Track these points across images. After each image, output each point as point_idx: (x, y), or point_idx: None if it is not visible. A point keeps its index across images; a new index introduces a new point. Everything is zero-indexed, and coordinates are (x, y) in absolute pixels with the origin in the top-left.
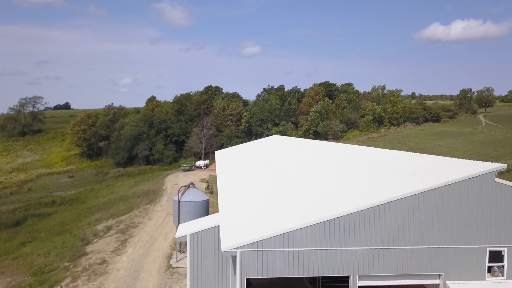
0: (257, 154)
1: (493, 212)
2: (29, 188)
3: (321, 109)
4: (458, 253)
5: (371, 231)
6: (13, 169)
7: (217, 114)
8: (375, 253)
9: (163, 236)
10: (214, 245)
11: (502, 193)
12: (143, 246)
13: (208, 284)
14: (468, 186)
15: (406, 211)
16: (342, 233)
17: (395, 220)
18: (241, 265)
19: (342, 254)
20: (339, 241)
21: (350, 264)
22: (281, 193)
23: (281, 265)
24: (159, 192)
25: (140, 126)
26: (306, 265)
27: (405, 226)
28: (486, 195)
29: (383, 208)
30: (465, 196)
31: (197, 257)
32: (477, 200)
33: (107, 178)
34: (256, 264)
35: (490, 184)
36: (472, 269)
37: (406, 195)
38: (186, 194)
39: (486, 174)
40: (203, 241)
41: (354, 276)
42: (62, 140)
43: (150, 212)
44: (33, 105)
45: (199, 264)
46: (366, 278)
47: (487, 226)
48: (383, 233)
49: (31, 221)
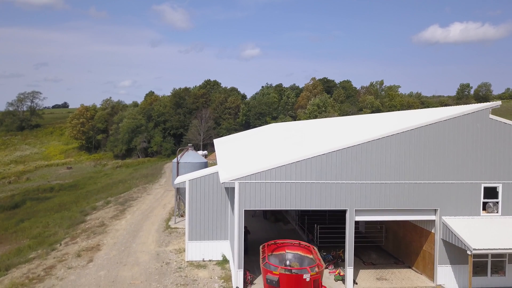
0: (256, 133)
1: (488, 149)
2: (27, 178)
3: (319, 102)
4: (454, 189)
5: (367, 166)
6: (11, 161)
7: (216, 107)
8: (371, 187)
9: (161, 206)
10: (212, 189)
11: (497, 129)
12: (142, 213)
13: (206, 227)
14: (463, 123)
15: (401, 146)
16: (339, 167)
17: (390, 155)
18: (239, 197)
19: (338, 188)
20: (335, 175)
21: (347, 198)
22: (280, 147)
23: (278, 197)
24: (157, 175)
25: (139, 118)
26: (303, 198)
27: (401, 161)
28: (481, 132)
29: (378, 143)
30: (460, 132)
31: (196, 202)
32: (472, 136)
33: (105, 169)
34: (254, 196)
35: (485, 121)
36: (468, 205)
37: (401, 130)
38: (185, 156)
39: (481, 110)
40: (202, 187)
41: (351, 210)
42: (61, 135)
43: (149, 189)
44: (32, 100)
45: (197, 209)
46: (362, 212)
47: (482, 162)
48: (379, 168)
49: (29, 204)
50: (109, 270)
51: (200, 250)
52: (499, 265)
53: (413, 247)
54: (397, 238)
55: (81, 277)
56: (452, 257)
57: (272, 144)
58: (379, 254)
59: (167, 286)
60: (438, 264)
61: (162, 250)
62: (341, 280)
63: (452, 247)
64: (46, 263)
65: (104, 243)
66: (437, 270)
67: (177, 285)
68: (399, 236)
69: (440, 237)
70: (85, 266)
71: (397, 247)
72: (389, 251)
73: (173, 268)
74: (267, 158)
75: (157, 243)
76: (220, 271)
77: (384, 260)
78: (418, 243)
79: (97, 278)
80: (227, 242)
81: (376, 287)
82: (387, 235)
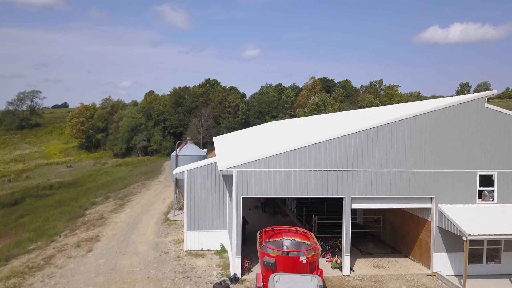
0: (256, 130)
1: (483, 137)
2: (27, 176)
3: (318, 101)
4: (450, 177)
5: (363, 154)
6: (11, 160)
7: (215, 106)
8: (368, 175)
9: (160, 200)
10: (211, 179)
11: (493, 118)
12: (141, 207)
13: (205, 217)
14: (459, 111)
15: (398, 135)
16: (335, 155)
17: (387, 144)
18: (237, 184)
19: (335, 176)
20: (332, 163)
21: (344, 185)
22: (278, 139)
23: (275, 185)
24: (157, 172)
25: (138, 117)
26: (301, 185)
27: (397, 149)
28: (477, 121)
29: (375, 131)
30: (456, 121)
31: (194, 192)
32: (468, 125)
33: (105, 168)
34: (251, 183)
35: (480, 110)
36: (463, 193)
37: (397, 119)
38: (184, 149)
39: (477, 99)
40: (200, 177)
41: (347, 198)
42: (60, 134)
43: (148, 185)
44: (31, 99)
45: (196, 199)
46: (359, 200)
47: (477, 151)
48: (375, 156)
49: (29, 201)
50: (108, 259)
51: (199, 240)
52: (494, 253)
53: (410, 236)
54: (394, 228)
55: (80, 265)
56: (448, 245)
57: (270, 137)
58: (377, 245)
59: (165, 274)
60: (434, 252)
61: (161, 241)
62: (338, 268)
63: (448, 235)
64: (46, 253)
65: (103, 235)
66: (433, 257)
67: (176, 273)
68: (396, 226)
69: (436, 225)
70: (85, 255)
71: (394, 237)
72: (386, 242)
73: (172, 257)
74: (264, 148)
75: (156, 234)
76: (218, 259)
77: (382, 250)
78: (415, 232)
79: (96, 266)
80: (225, 232)
81: (372, 274)
82: (385, 226)
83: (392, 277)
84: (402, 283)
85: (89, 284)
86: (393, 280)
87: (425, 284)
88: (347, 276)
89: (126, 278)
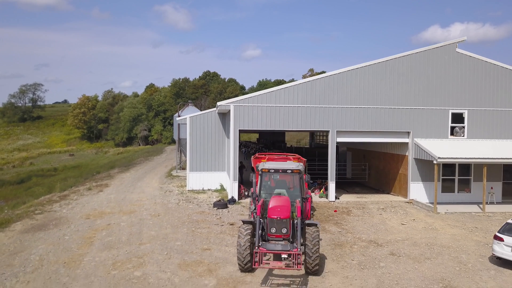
0: None
1: (455, 79)
2: (31, 163)
3: None
4: (425, 114)
5: (347, 92)
6: (14, 149)
7: (214, 97)
8: (351, 111)
9: (163, 166)
10: (211, 125)
11: (463, 62)
12: (145, 170)
13: (206, 159)
14: (432, 55)
15: (377, 75)
16: (322, 93)
17: (368, 83)
18: (234, 118)
19: (321, 111)
20: (319, 100)
21: (329, 120)
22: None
23: (268, 119)
24: (159, 152)
25: (139, 107)
26: (291, 120)
27: (377, 89)
28: (449, 64)
29: (357, 72)
30: (430, 63)
31: (196, 137)
32: (441, 68)
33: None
34: (247, 117)
35: (452, 54)
36: (437, 129)
37: (377, 61)
38: (185, 110)
39: (448, 45)
40: (202, 123)
41: (332, 131)
42: (62, 126)
43: (151, 159)
44: (33, 92)
45: (198, 144)
46: (343, 134)
47: (450, 91)
48: (358, 94)
49: (35, 180)
50: (117, 195)
51: (200, 180)
52: (465, 183)
53: (391, 174)
54: (378, 171)
55: (93, 199)
56: (423, 175)
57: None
58: (363, 188)
59: (170, 201)
60: (411, 181)
61: (165, 186)
62: (325, 197)
63: (423, 166)
64: (61, 194)
65: (112, 184)
66: (410, 186)
67: (180, 200)
68: (380, 169)
69: (412, 157)
70: (96, 194)
71: (378, 179)
72: (371, 186)
73: (176, 193)
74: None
75: (160, 183)
76: (217, 194)
77: (367, 191)
78: (395, 169)
79: (108, 199)
80: (224, 173)
81: (355, 200)
82: (370, 172)
83: (372, 202)
84: (380, 205)
85: (102, 206)
86: (373, 203)
87: (401, 206)
88: (332, 201)
89: (135, 203)
